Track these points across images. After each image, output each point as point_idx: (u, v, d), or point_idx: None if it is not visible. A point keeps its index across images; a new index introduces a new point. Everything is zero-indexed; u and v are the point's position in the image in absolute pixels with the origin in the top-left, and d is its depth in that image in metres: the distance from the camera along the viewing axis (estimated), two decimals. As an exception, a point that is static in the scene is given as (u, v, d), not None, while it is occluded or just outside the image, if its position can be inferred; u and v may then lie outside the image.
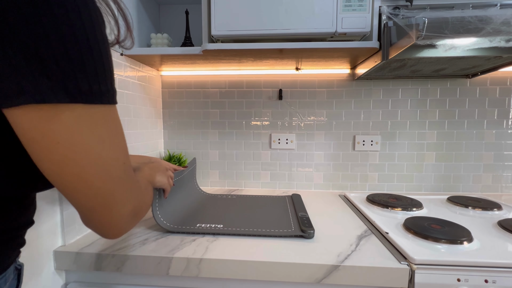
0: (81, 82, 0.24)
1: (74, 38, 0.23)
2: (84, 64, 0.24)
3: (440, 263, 0.53)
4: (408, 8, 0.73)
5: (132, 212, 0.33)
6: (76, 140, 0.26)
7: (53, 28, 0.22)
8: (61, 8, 0.23)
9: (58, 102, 0.24)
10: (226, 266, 0.55)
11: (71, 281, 0.61)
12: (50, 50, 0.23)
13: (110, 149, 0.28)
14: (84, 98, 0.25)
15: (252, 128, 1.12)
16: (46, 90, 0.23)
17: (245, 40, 0.78)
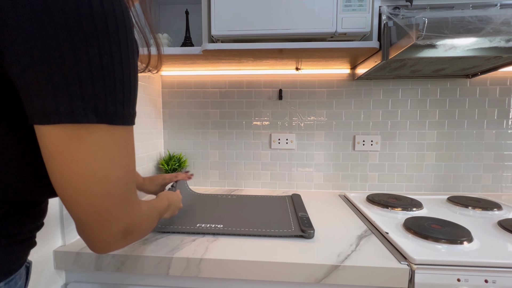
0: (109, 104, 0.27)
1: (112, 67, 0.26)
2: (115, 89, 0.27)
3: (440, 263, 0.53)
4: (408, 8, 0.73)
5: (123, 232, 0.33)
6: (89, 159, 0.27)
7: (97, 57, 0.25)
8: (106, 40, 0.26)
9: (87, 122, 0.26)
10: (226, 266, 0.55)
11: (71, 281, 0.61)
12: (90, 77, 0.25)
13: (117, 169, 0.30)
14: (109, 119, 0.27)
15: (252, 128, 1.12)
16: (79, 112, 0.25)
17: (245, 40, 0.78)
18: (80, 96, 0.25)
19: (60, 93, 0.25)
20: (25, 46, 0.24)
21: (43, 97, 0.25)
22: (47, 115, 0.25)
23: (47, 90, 0.24)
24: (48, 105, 0.25)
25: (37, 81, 0.24)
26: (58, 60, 0.24)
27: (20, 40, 0.24)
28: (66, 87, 0.25)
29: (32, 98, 0.25)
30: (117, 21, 0.27)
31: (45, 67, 0.24)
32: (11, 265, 0.33)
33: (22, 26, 0.24)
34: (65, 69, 0.24)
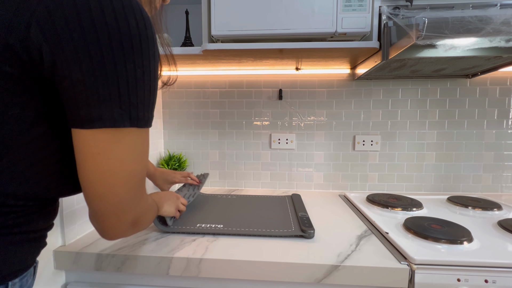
0: (140, 111, 0.32)
1: (143, 79, 0.31)
2: (144, 97, 0.32)
3: (440, 263, 0.53)
4: (408, 8, 0.73)
5: (132, 221, 0.37)
6: (122, 157, 0.32)
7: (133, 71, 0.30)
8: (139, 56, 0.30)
9: (123, 126, 0.31)
10: (226, 266, 0.55)
11: (71, 281, 0.61)
12: (127, 88, 0.30)
13: (139, 165, 0.34)
14: (139, 124, 0.32)
15: (252, 128, 1.12)
16: (118, 118, 0.30)
17: (245, 40, 0.78)
18: (119, 104, 0.30)
19: (104, 103, 0.29)
20: (76, 62, 0.28)
21: (89, 106, 0.29)
22: (92, 121, 0.29)
23: (93, 100, 0.29)
24: (93, 112, 0.29)
25: (85, 92, 0.28)
26: (103, 74, 0.28)
27: (71, 56, 0.27)
28: (108, 98, 0.29)
29: (79, 106, 0.29)
30: (148, 39, 0.31)
31: (92, 80, 0.28)
32: (27, 262, 0.35)
33: (74, 45, 0.27)
34: (108, 82, 0.29)
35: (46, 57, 0.27)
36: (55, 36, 0.27)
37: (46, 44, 0.27)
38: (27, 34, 0.26)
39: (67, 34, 0.27)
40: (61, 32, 0.27)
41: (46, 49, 0.27)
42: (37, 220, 0.35)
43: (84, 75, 0.28)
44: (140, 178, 0.35)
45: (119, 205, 0.34)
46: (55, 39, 0.27)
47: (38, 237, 0.36)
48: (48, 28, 0.27)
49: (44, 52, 0.27)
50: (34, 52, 0.27)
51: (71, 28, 0.27)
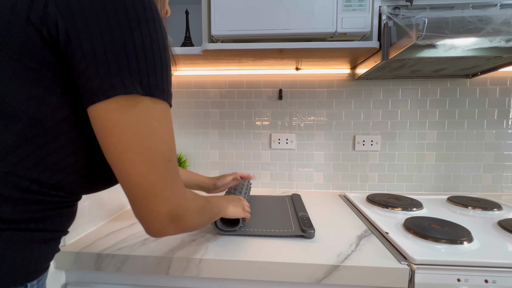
0: (151, 80, 0.31)
1: (151, 48, 0.31)
2: (155, 66, 0.32)
3: (440, 263, 0.53)
4: (408, 8, 0.73)
5: (169, 215, 0.35)
6: (134, 130, 0.31)
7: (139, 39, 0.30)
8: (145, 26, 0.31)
9: (136, 93, 0.30)
10: (226, 266, 0.55)
11: (71, 281, 0.61)
12: (135, 55, 0.30)
13: (159, 143, 0.33)
14: (152, 92, 0.32)
15: (252, 128, 1.12)
16: (128, 84, 0.30)
17: (245, 40, 0.78)
18: (128, 72, 0.30)
19: (114, 71, 0.29)
20: (86, 33, 0.29)
21: (101, 76, 0.29)
22: (104, 91, 0.29)
23: (104, 69, 0.29)
24: (105, 82, 0.29)
25: (96, 63, 0.29)
26: (110, 42, 0.29)
27: (82, 29, 0.29)
28: (117, 66, 0.29)
29: (92, 78, 0.29)
30: (153, 12, 0.32)
31: (101, 50, 0.29)
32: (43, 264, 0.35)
33: (84, 18, 0.29)
34: (116, 50, 0.29)
35: (61, 31, 0.29)
36: (68, 11, 0.29)
37: (61, 19, 0.28)
38: (45, 11, 0.28)
39: (78, 9, 0.29)
40: (73, 7, 0.29)
41: (61, 23, 0.28)
42: (54, 219, 0.35)
43: (94, 45, 0.29)
44: (164, 161, 0.33)
45: (145, 188, 0.33)
46: (68, 14, 0.29)
47: (53, 239, 0.36)
48: (62, 4, 0.29)
49: (59, 26, 0.29)
50: (52, 28, 0.29)
51: (82, 3, 0.29)
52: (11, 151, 0.30)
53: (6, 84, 0.29)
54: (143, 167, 0.32)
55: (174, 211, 0.35)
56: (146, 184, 0.33)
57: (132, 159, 0.32)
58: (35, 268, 0.33)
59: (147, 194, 0.33)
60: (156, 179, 0.33)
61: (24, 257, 0.32)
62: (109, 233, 0.67)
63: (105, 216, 0.76)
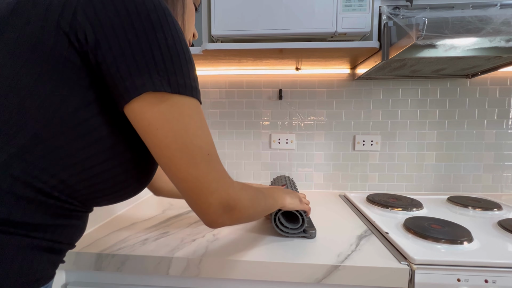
0: (179, 77, 0.33)
1: (175, 47, 0.33)
2: (180, 65, 0.33)
3: (440, 263, 0.53)
4: (408, 8, 0.72)
5: (221, 205, 0.37)
6: (168, 127, 0.33)
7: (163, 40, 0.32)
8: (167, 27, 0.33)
9: (164, 91, 0.32)
10: (226, 266, 0.55)
11: (71, 281, 0.61)
12: (161, 55, 0.32)
13: (194, 138, 0.34)
14: (180, 90, 0.33)
15: (252, 128, 1.12)
16: (157, 82, 0.32)
17: (245, 40, 0.78)
18: (156, 71, 0.32)
19: (143, 71, 0.31)
20: (114, 38, 0.31)
21: (132, 76, 0.31)
22: (136, 88, 0.31)
23: (133, 69, 0.31)
24: (137, 81, 0.31)
25: (126, 64, 0.31)
26: (137, 44, 0.31)
27: (110, 34, 0.31)
28: (146, 66, 0.31)
29: (123, 79, 0.31)
30: (171, 16, 0.34)
31: (129, 51, 0.31)
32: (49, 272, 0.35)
33: (111, 24, 0.31)
34: (143, 51, 0.31)
35: (90, 37, 0.31)
36: (96, 18, 0.31)
37: (90, 26, 0.30)
38: (75, 18, 0.30)
39: (104, 15, 0.31)
40: (100, 14, 0.31)
41: (89, 30, 0.30)
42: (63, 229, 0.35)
43: (122, 48, 0.31)
44: (203, 155, 0.35)
45: (190, 183, 0.35)
46: (96, 21, 0.31)
47: (59, 250, 0.36)
48: (90, 12, 0.31)
49: (88, 32, 0.31)
50: (80, 34, 0.30)
51: (108, 10, 0.31)
52: (28, 149, 0.30)
53: (31, 85, 0.30)
54: (184, 163, 0.34)
55: (225, 202, 0.37)
56: (191, 179, 0.35)
57: (172, 156, 0.34)
58: (41, 275, 0.34)
59: (195, 188, 0.35)
60: (199, 173, 0.35)
61: (31, 264, 0.32)
62: (109, 233, 0.67)
63: (105, 216, 0.76)
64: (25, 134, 0.30)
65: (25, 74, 0.30)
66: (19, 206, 0.30)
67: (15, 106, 0.30)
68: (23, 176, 0.30)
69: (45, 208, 0.32)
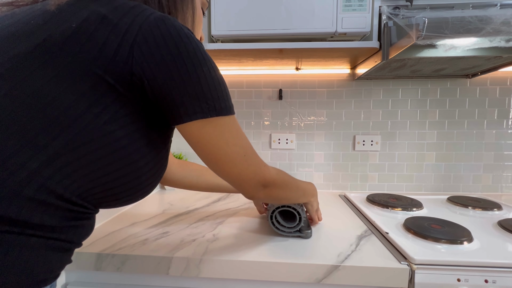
0: (222, 102, 0.40)
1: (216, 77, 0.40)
2: (222, 92, 0.40)
3: (440, 263, 0.53)
4: (408, 8, 0.73)
5: (260, 185, 0.48)
6: (213, 143, 0.41)
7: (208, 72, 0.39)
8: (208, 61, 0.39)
9: (210, 116, 0.39)
10: (226, 266, 0.55)
11: (71, 281, 0.61)
12: (207, 86, 0.38)
13: (232, 147, 0.43)
14: (223, 112, 0.40)
15: (252, 128, 1.12)
16: (205, 110, 0.39)
17: (245, 40, 0.78)
18: (205, 100, 0.38)
19: (194, 100, 0.38)
20: (168, 73, 0.36)
21: (185, 104, 0.38)
22: (189, 115, 0.38)
23: (186, 99, 0.38)
24: (189, 109, 0.38)
25: (180, 94, 0.37)
26: (188, 78, 0.37)
27: (165, 69, 0.36)
28: (196, 95, 0.38)
29: (178, 106, 0.38)
30: (207, 53, 0.40)
31: (182, 84, 0.37)
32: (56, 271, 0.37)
33: (165, 61, 0.36)
34: (194, 82, 0.37)
35: (147, 73, 0.35)
36: (151, 56, 0.35)
37: (146, 63, 0.35)
38: (131, 55, 0.35)
39: (159, 54, 0.36)
40: (155, 52, 0.35)
41: (146, 66, 0.35)
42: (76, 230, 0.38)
43: (176, 81, 0.37)
44: (240, 156, 0.44)
45: (235, 177, 0.45)
46: (152, 59, 0.35)
47: (67, 249, 0.38)
48: (145, 50, 0.35)
49: (145, 68, 0.35)
50: (136, 69, 0.35)
51: (161, 50, 0.36)
52: (56, 157, 0.33)
53: (70, 102, 0.33)
54: (226, 165, 0.44)
55: (262, 181, 0.47)
56: (233, 174, 0.45)
57: (217, 161, 0.43)
58: (51, 274, 0.35)
59: (238, 179, 0.46)
60: (238, 170, 0.44)
61: (44, 263, 0.34)
62: (109, 233, 0.67)
63: (105, 216, 0.76)
64: (57, 143, 0.33)
65: (69, 93, 0.33)
66: (39, 210, 0.32)
67: (53, 118, 0.33)
68: (48, 182, 0.32)
69: (62, 211, 0.34)
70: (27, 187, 0.31)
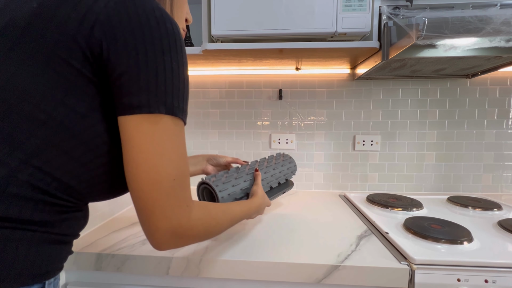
0: (174, 100, 0.35)
1: (178, 71, 0.35)
2: (178, 88, 0.35)
3: (440, 263, 0.53)
4: (408, 8, 0.73)
5: (168, 232, 0.35)
6: (144, 148, 0.33)
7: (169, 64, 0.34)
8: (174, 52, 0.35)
9: (159, 112, 0.33)
10: (226, 266, 0.55)
11: (71, 281, 0.61)
12: (164, 78, 0.34)
13: (166, 162, 0.34)
14: (174, 111, 0.35)
15: (252, 128, 1.12)
16: (153, 104, 0.33)
17: (245, 40, 0.78)
18: (155, 92, 0.33)
19: (142, 91, 0.33)
20: (125, 55, 0.32)
21: (131, 94, 0.33)
22: (132, 108, 0.33)
23: (134, 88, 0.33)
24: (134, 100, 0.33)
25: (129, 82, 0.33)
26: (145, 65, 0.33)
27: (123, 51, 0.32)
28: (147, 86, 0.33)
29: (123, 95, 0.33)
30: (181, 41, 0.36)
31: (135, 70, 0.32)
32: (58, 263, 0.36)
33: (125, 41, 0.32)
34: (148, 71, 0.33)
35: (105, 51, 0.32)
36: (112, 35, 0.32)
37: (105, 41, 0.32)
38: (92, 33, 0.32)
39: (121, 34, 0.32)
40: (117, 32, 0.32)
41: (105, 45, 0.32)
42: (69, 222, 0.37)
43: (130, 66, 0.32)
44: (169, 180, 0.34)
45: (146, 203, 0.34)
46: (112, 37, 0.32)
47: (66, 242, 0.38)
48: (108, 29, 0.32)
49: (103, 47, 0.32)
50: (96, 48, 0.32)
51: (124, 29, 0.32)
52: (35, 155, 0.32)
53: (43, 94, 0.31)
54: (145, 184, 0.34)
55: (174, 230, 0.35)
56: (147, 200, 0.34)
57: (137, 174, 0.34)
58: (52, 267, 0.35)
59: (147, 210, 0.34)
60: (157, 196, 0.34)
61: (43, 257, 0.34)
62: (109, 233, 0.67)
63: (105, 216, 0.76)
64: (34, 140, 0.31)
65: (38, 84, 0.31)
66: (28, 206, 0.32)
67: (26, 114, 0.31)
68: (31, 180, 0.32)
69: (51, 206, 0.34)
70: (11, 184, 0.31)
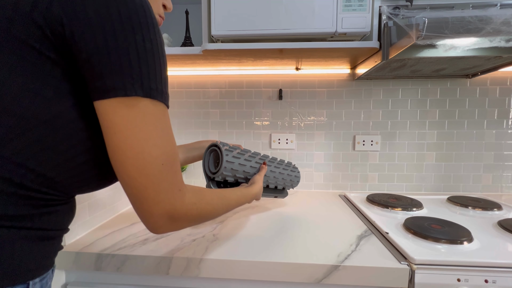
0: (151, 81, 0.32)
1: (152, 51, 0.32)
2: (155, 69, 0.33)
3: (440, 263, 0.53)
4: (408, 8, 0.72)
5: (166, 216, 0.35)
6: (128, 133, 0.32)
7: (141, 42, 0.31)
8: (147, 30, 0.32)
9: (136, 95, 0.31)
10: (226, 266, 0.55)
11: (71, 281, 0.61)
12: (137, 58, 0.31)
13: (152, 148, 0.33)
14: (152, 94, 0.32)
15: (252, 128, 1.12)
16: (129, 86, 0.31)
17: (245, 40, 0.78)
18: (130, 74, 0.31)
19: (116, 73, 0.30)
20: (90, 34, 0.30)
21: (104, 77, 0.30)
22: (106, 91, 0.31)
23: (106, 70, 0.30)
24: (108, 83, 0.30)
25: (99, 64, 0.30)
26: (114, 45, 0.30)
27: (87, 30, 0.30)
28: (120, 68, 0.30)
29: (95, 78, 0.31)
30: (152, 17, 0.33)
31: (105, 51, 0.30)
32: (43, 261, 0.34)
33: (89, 20, 0.30)
34: (119, 52, 0.30)
35: (66, 29, 0.29)
36: (73, 12, 0.29)
37: (66, 18, 0.29)
38: (50, 9, 0.29)
39: (83, 10, 0.30)
40: (78, 8, 0.29)
41: (66, 23, 0.29)
42: (50, 216, 0.35)
43: (98, 47, 0.30)
44: (157, 165, 0.33)
45: (137, 190, 0.33)
46: (73, 14, 0.29)
47: (52, 237, 0.35)
48: (67, 5, 0.29)
49: (65, 25, 0.29)
50: (56, 26, 0.29)
51: (86, 5, 0.30)
52: (3, 145, 0.30)
53: (3, 79, 0.29)
54: (133, 171, 0.32)
55: (168, 214, 0.35)
56: (138, 186, 0.33)
57: (123, 161, 0.32)
58: (35, 266, 0.33)
59: (140, 196, 0.34)
60: (147, 182, 0.33)
61: (22, 255, 0.31)
62: (109, 233, 0.67)
63: (105, 216, 0.76)
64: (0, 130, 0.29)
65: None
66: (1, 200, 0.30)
67: None
68: (1, 172, 0.30)
69: (27, 200, 0.32)
70: None
